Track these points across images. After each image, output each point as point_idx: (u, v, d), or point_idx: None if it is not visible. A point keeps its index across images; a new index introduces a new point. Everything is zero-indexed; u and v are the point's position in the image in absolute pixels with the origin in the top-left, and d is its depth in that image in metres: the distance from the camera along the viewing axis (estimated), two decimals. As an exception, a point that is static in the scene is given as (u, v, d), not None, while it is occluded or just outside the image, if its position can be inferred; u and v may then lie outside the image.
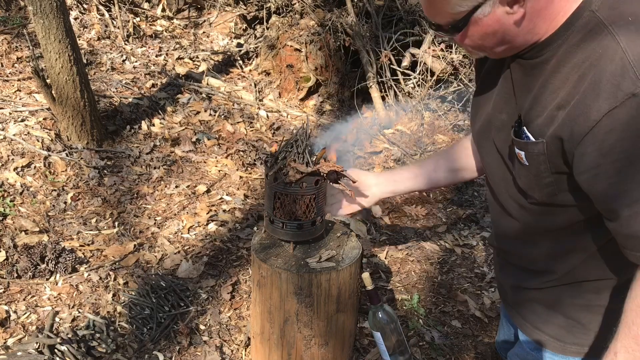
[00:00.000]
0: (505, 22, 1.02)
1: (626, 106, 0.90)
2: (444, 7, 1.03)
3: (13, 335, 2.06)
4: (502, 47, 1.09)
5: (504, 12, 1.01)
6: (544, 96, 1.07)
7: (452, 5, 1.01)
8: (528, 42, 1.07)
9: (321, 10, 4.46)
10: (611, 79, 0.92)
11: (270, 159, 1.58)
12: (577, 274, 1.19)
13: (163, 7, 4.89)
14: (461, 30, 1.05)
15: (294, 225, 1.63)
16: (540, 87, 1.08)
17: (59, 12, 2.84)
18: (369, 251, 2.68)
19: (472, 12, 1.01)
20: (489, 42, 1.08)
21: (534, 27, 1.04)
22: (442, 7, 1.03)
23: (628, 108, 0.90)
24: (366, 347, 2.13)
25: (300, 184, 1.55)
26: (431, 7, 1.06)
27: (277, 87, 4.34)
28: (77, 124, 3.11)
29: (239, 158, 3.40)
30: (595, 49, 0.97)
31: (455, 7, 1.01)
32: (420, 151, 3.67)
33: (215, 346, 2.11)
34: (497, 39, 1.07)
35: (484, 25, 1.03)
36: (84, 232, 2.64)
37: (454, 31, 1.06)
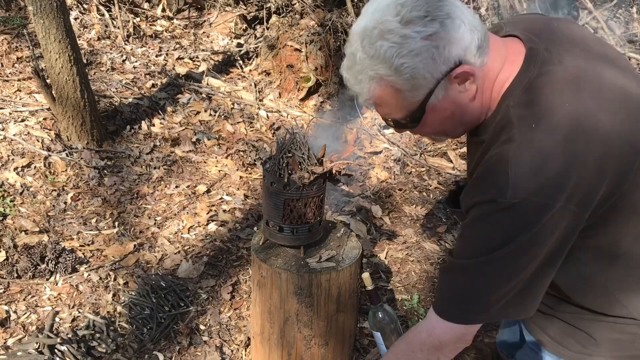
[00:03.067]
0: (461, 101, 1.03)
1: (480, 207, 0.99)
2: (397, 102, 1.03)
3: (13, 335, 2.06)
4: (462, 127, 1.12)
5: (457, 92, 1.01)
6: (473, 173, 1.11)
7: (406, 98, 1.01)
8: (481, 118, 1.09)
9: (321, 10, 4.46)
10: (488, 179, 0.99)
11: (272, 169, 1.57)
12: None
13: (163, 7, 4.89)
14: (420, 120, 1.05)
15: (305, 229, 1.63)
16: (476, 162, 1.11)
17: (59, 12, 2.84)
18: (369, 251, 2.68)
19: (426, 99, 1.01)
20: (449, 125, 1.10)
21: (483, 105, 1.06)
22: (396, 102, 1.03)
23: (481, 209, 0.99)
24: (366, 347, 2.13)
25: (311, 186, 1.55)
26: (385, 106, 1.06)
27: (277, 87, 4.34)
28: (77, 124, 3.11)
29: (239, 158, 3.40)
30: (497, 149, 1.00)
31: (409, 99, 1.01)
32: (420, 151, 3.67)
33: (215, 346, 2.11)
34: (456, 119, 1.08)
35: (441, 110, 1.04)
36: (84, 232, 2.64)
37: (413, 122, 1.06)
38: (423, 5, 0.95)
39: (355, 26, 1.02)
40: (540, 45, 1.03)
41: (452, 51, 0.96)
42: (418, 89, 0.99)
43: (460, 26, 0.96)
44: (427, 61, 0.95)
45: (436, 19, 0.94)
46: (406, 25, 0.94)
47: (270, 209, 1.61)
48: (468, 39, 0.96)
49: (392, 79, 0.98)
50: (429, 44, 0.94)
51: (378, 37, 0.96)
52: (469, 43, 0.97)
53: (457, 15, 0.96)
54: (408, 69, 0.96)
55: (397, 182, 3.37)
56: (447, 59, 0.96)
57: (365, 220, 2.88)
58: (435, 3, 0.95)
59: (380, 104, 1.06)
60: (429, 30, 0.94)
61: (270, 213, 1.62)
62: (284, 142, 1.59)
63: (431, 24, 0.94)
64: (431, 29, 0.94)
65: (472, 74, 0.99)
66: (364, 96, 1.05)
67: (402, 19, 0.94)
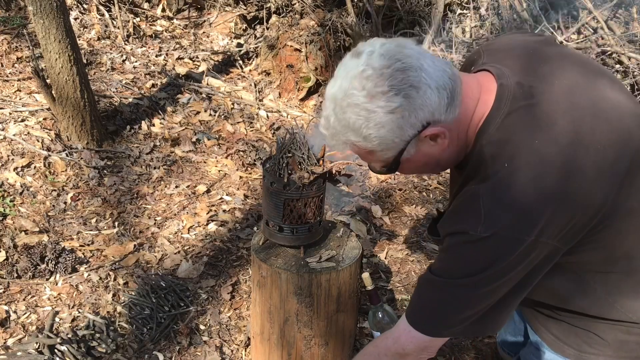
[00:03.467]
0: (434, 153, 1.09)
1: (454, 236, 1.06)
2: (373, 157, 1.10)
3: (13, 335, 2.06)
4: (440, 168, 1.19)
5: (428, 146, 1.07)
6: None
7: (379, 156, 1.08)
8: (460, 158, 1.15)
9: (321, 10, 4.46)
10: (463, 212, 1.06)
11: (272, 169, 1.58)
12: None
13: (163, 7, 4.89)
14: (395, 170, 1.12)
15: (305, 229, 1.63)
16: (454, 193, 1.18)
17: (59, 12, 2.84)
18: (369, 251, 2.68)
19: (398, 156, 1.07)
20: (424, 171, 1.19)
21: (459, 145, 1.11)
22: (372, 157, 1.11)
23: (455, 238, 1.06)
24: (366, 347, 2.13)
25: (311, 186, 1.55)
26: (365, 159, 1.14)
27: (277, 87, 4.34)
28: (77, 124, 3.11)
29: (239, 158, 3.40)
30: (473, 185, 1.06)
31: (382, 156, 1.08)
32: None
33: (215, 346, 2.11)
34: (432, 165, 1.15)
35: (415, 161, 1.10)
36: (84, 232, 2.64)
37: (390, 172, 1.13)
38: (387, 79, 0.98)
39: (328, 88, 1.07)
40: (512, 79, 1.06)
41: (418, 117, 1.00)
42: (389, 150, 1.05)
43: (426, 92, 0.99)
44: (393, 130, 1.01)
45: (400, 92, 0.98)
46: (371, 100, 0.99)
47: (270, 209, 1.61)
48: (435, 101, 1.00)
49: (362, 145, 1.05)
50: (393, 117, 0.99)
51: (346, 108, 1.01)
52: (437, 105, 1.00)
53: (423, 82, 0.99)
54: (376, 138, 1.02)
55: (397, 182, 3.36)
56: (414, 125, 1.01)
57: (365, 220, 2.88)
58: (399, 75, 0.98)
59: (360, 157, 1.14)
60: (392, 105, 0.98)
61: (270, 213, 1.62)
62: (284, 142, 1.59)
63: (394, 98, 0.98)
64: (395, 103, 0.98)
65: (442, 133, 1.04)
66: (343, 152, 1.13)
67: (368, 94, 0.99)
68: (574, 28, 3.63)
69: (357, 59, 1.02)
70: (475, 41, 3.82)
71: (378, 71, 0.98)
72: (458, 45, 3.88)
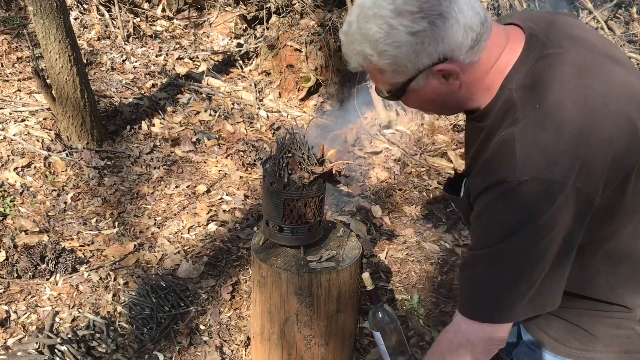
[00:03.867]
0: (442, 92, 1.06)
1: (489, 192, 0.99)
2: (382, 78, 1.07)
3: (13, 335, 2.06)
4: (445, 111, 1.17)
5: (439, 83, 1.04)
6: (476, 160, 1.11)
7: (387, 78, 1.05)
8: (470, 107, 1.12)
9: (321, 10, 4.46)
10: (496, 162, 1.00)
11: (272, 169, 1.58)
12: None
13: (163, 7, 4.89)
14: (399, 98, 1.09)
15: (305, 229, 1.63)
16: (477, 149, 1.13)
17: (59, 12, 2.84)
18: (369, 251, 2.68)
19: (406, 83, 1.04)
20: (430, 108, 1.15)
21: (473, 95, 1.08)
22: (380, 78, 1.07)
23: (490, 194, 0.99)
24: (366, 347, 2.13)
25: (311, 186, 1.55)
26: (372, 77, 1.11)
27: (277, 87, 4.34)
28: (77, 124, 3.11)
29: (239, 158, 3.40)
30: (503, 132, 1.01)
31: (390, 80, 1.05)
32: (420, 151, 3.67)
33: (215, 346, 2.11)
34: (437, 105, 1.12)
35: (422, 95, 1.07)
36: (84, 232, 2.64)
37: (393, 98, 1.10)
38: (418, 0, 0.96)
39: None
40: (540, 32, 1.06)
41: (437, 48, 0.98)
42: (398, 74, 1.02)
43: (452, 26, 0.97)
44: (409, 53, 0.98)
45: (427, 17, 0.96)
46: (396, 17, 0.96)
47: (270, 209, 1.61)
48: (459, 39, 0.98)
49: (375, 60, 1.02)
50: (413, 40, 0.96)
51: (371, 18, 0.99)
52: (460, 43, 0.98)
53: (452, 16, 0.96)
54: (390, 57, 0.99)
55: (397, 182, 3.36)
56: (430, 54, 0.98)
57: (365, 220, 2.88)
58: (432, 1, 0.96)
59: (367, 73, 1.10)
60: (416, 27, 0.96)
61: (270, 213, 1.62)
62: (284, 142, 1.59)
63: (420, 22, 0.96)
64: (419, 27, 0.96)
65: (456, 72, 1.01)
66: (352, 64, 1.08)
67: (395, 9, 0.96)
68: (574, 28, 3.63)
69: None
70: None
71: None
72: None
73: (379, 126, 3.96)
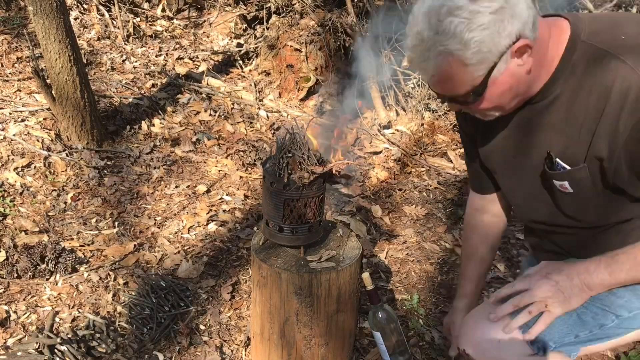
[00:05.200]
0: (519, 74, 1.09)
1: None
2: (463, 77, 1.07)
3: (13, 335, 2.06)
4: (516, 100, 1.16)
5: (516, 65, 1.07)
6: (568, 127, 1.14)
7: (471, 73, 1.06)
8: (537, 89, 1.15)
9: (321, 10, 4.46)
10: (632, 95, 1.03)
11: (272, 169, 1.58)
12: None
13: (163, 7, 4.89)
14: (482, 94, 1.10)
15: (305, 229, 1.63)
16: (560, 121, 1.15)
17: (59, 12, 2.84)
18: (369, 251, 2.68)
19: (489, 73, 1.06)
20: (506, 98, 1.14)
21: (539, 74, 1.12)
22: (461, 77, 1.07)
23: None
24: (366, 347, 2.13)
25: (311, 186, 1.55)
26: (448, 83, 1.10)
27: (277, 87, 4.34)
28: (77, 124, 3.11)
29: (239, 158, 3.40)
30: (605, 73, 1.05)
31: (474, 73, 1.06)
32: (420, 151, 3.67)
33: (215, 346, 2.11)
34: (513, 93, 1.13)
35: (501, 83, 1.09)
36: (84, 232, 2.64)
37: (475, 97, 1.10)
38: None
39: (418, 7, 1.07)
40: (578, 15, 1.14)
41: (514, 25, 1.02)
42: (483, 63, 1.04)
43: (520, 2, 1.02)
44: (493, 35, 1.01)
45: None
46: (474, 2, 1.00)
47: (270, 209, 1.61)
48: (526, 14, 1.03)
49: (460, 53, 1.03)
50: (495, 17, 1.00)
51: (447, 14, 1.01)
52: (527, 18, 1.03)
53: None
54: (476, 43, 1.02)
55: (397, 182, 3.36)
56: (510, 33, 1.02)
57: (365, 220, 2.88)
58: None
59: (444, 80, 1.10)
60: (495, 5, 1.00)
61: (270, 213, 1.62)
62: (284, 142, 1.59)
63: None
64: (497, 4, 1.00)
65: (530, 47, 1.05)
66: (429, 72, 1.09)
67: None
68: (574, 28, 3.62)
69: None
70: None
71: None
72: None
73: (379, 126, 3.96)
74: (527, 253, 2.10)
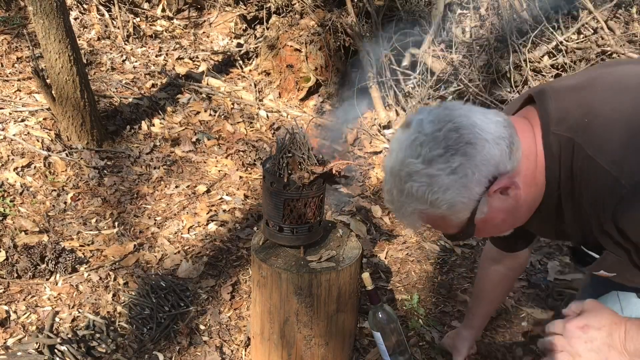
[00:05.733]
0: (509, 207, 1.05)
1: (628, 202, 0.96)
2: (447, 224, 1.06)
3: (13, 335, 2.06)
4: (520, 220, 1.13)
5: (501, 201, 1.03)
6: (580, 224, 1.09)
7: (452, 220, 1.04)
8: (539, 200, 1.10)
9: (321, 10, 4.46)
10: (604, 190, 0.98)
11: (272, 169, 1.58)
12: None
13: (163, 7, 4.89)
14: (472, 234, 1.08)
15: (305, 229, 1.63)
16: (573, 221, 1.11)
17: (59, 12, 2.84)
18: (369, 251, 2.68)
19: (472, 217, 1.03)
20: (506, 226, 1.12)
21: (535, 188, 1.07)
22: (445, 224, 1.06)
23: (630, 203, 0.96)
24: (366, 347, 2.13)
25: (311, 186, 1.55)
26: (438, 227, 1.10)
27: (277, 87, 4.34)
28: (77, 124, 3.11)
29: (239, 158, 3.40)
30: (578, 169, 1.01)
31: (455, 220, 1.04)
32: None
33: (215, 346, 2.11)
34: (510, 220, 1.10)
35: (490, 220, 1.06)
36: (84, 232, 2.64)
37: (466, 236, 1.09)
38: (441, 142, 0.97)
39: (386, 162, 1.06)
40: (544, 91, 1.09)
41: (482, 172, 0.98)
42: (460, 212, 1.02)
43: (484, 146, 0.97)
44: (459, 190, 0.98)
45: (457, 151, 0.96)
46: (429, 165, 0.97)
47: (270, 209, 1.61)
48: (497, 154, 0.98)
49: (430, 211, 1.02)
50: (456, 177, 0.97)
51: (407, 178, 1.00)
52: (499, 157, 0.98)
53: (479, 137, 0.97)
54: (443, 202, 0.99)
55: (397, 182, 3.36)
56: (480, 181, 0.98)
57: (365, 220, 2.88)
58: (453, 135, 0.97)
59: (432, 226, 1.10)
60: (453, 165, 0.96)
61: (270, 213, 1.62)
62: (284, 142, 1.59)
63: (453, 158, 0.96)
64: (455, 163, 0.96)
65: (512, 184, 1.01)
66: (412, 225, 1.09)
67: (424, 159, 0.97)
68: (574, 28, 3.63)
69: (408, 129, 1.01)
70: (475, 41, 3.82)
71: (430, 136, 0.97)
72: (458, 45, 3.88)
73: (379, 126, 3.96)
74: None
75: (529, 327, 2.27)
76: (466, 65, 3.90)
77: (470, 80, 3.89)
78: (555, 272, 2.56)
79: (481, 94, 3.85)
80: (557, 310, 2.36)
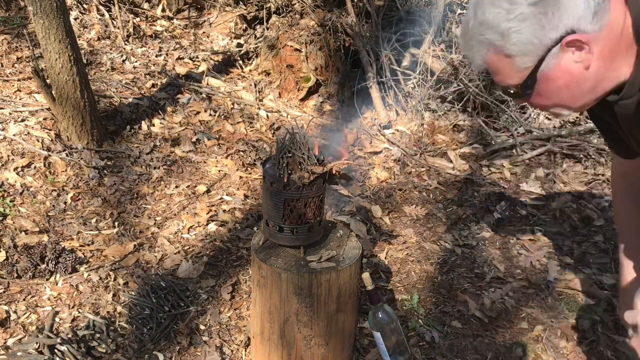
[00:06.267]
0: (575, 71, 1.00)
1: None
2: (509, 68, 1.03)
3: (13, 335, 2.06)
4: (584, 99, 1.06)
5: (570, 61, 0.99)
6: None
7: (517, 64, 1.01)
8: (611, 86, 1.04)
9: (321, 10, 4.46)
10: None
11: (272, 169, 1.58)
12: None
13: (163, 7, 4.89)
14: (532, 88, 1.04)
15: (305, 229, 1.63)
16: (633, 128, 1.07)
17: (59, 12, 2.84)
18: (369, 251, 2.68)
19: (537, 66, 1.00)
20: (565, 96, 1.06)
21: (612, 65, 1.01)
22: (508, 68, 1.03)
23: None
24: (366, 347, 2.13)
25: (311, 186, 1.55)
26: (499, 73, 1.06)
27: (277, 87, 4.34)
28: (77, 124, 3.11)
29: (239, 158, 3.40)
30: None
31: (520, 65, 1.01)
32: (420, 151, 3.67)
33: (215, 346, 2.11)
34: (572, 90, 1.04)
35: (554, 79, 1.02)
36: (84, 232, 2.64)
37: (525, 90, 1.05)
38: None
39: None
40: None
41: (562, 19, 0.95)
42: (527, 55, 0.99)
43: None
44: (534, 27, 0.96)
45: None
46: None
47: (270, 209, 1.61)
48: (582, 7, 0.95)
49: (500, 44, 1.00)
50: (536, 10, 0.95)
51: (489, 4, 0.99)
52: (583, 11, 0.95)
53: None
54: (515, 34, 0.97)
55: (397, 182, 3.37)
56: (556, 27, 0.96)
57: (365, 220, 2.88)
58: None
59: (494, 70, 1.07)
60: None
61: (270, 213, 1.62)
62: (284, 142, 1.59)
63: None
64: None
65: (587, 43, 0.97)
66: (477, 61, 1.06)
67: None
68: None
69: None
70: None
71: None
72: (458, 45, 3.88)
73: (379, 126, 3.96)
74: None
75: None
76: (466, 65, 3.90)
77: (470, 80, 3.89)
78: (555, 272, 2.56)
79: (481, 94, 3.85)
80: (557, 310, 2.36)
